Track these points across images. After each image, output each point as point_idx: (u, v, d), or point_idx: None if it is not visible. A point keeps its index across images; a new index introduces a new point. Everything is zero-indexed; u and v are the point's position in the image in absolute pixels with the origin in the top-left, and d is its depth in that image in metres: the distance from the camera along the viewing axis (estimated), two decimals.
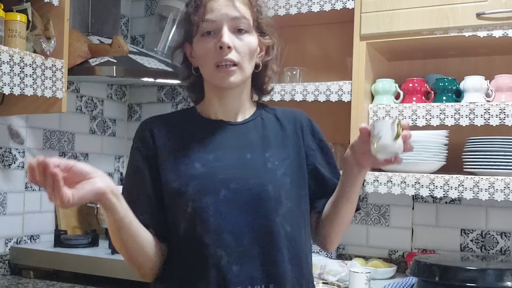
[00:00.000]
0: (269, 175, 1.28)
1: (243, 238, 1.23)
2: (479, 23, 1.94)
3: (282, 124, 1.38)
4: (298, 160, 1.34)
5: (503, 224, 2.22)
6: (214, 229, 1.22)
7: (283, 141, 1.34)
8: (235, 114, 1.35)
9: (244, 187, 1.25)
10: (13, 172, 2.40)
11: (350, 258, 2.35)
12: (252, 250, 1.23)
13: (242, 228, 1.23)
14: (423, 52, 2.26)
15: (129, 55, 2.38)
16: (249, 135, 1.33)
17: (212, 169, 1.26)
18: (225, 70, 1.26)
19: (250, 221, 1.24)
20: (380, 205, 2.44)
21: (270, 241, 1.24)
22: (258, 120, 1.37)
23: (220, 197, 1.23)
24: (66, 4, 2.04)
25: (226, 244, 1.22)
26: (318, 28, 2.52)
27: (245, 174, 1.26)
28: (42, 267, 2.30)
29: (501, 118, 1.91)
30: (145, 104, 2.99)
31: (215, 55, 1.26)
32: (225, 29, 1.26)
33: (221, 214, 1.23)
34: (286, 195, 1.27)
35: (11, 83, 1.86)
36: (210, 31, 1.27)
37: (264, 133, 1.34)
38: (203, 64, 1.31)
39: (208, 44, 1.27)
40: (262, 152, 1.31)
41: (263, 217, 1.24)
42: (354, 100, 2.13)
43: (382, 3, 2.08)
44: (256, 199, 1.25)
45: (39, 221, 2.51)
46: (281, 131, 1.36)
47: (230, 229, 1.23)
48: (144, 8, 3.04)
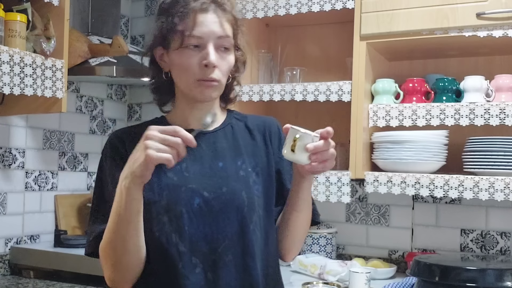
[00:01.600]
0: (241, 182, 1.29)
1: (217, 246, 1.25)
2: (479, 23, 1.94)
3: (252, 133, 1.39)
4: (267, 169, 1.35)
5: (503, 224, 2.22)
6: (189, 237, 1.23)
7: (253, 149, 1.36)
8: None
9: (217, 195, 1.26)
10: (13, 172, 2.40)
11: (350, 258, 2.35)
12: (226, 257, 1.25)
13: (216, 235, 1.25)
14: (423, 52, 2.26)
15: (129, 55, 2.38)
16: (220, 143, 1.34)
17: (185, 178, 1.27)
18: (206, 85, 1.27)
19: (224, 228, 1.25)
20: (380, 205, 2.44)
21: (244, 248, 1.26)
22: (228, 129, 1.37)
23: (194, 205, 1.25)
24: (66, 4, 2.04)
25: (201, 252, 1.24)
26: (318, 28, 2.52)
27: (217, 182, 1.28)
28: (42, 267, 2.30)
29: (501, 118, 1.91)
30: (145, 104, 2.99)
31: (198, 71, 1.26)
32: (211, 47, 1.26)
33: (195, 222, 1.24)
34: (258, 202, 1.29)
35: (11, 83, 1.86)
36: (196, 45, 1.27)
37: (234, 141, 1.35)
38: (181, 76, 1.30)
39: (191, 58, 1.27)
40: (234, 160, 1.32)
41: (236, 224, 1.26)
42: (354, 100, 2.13)
43: (382, 3, 2.08)
44: (229, 207, 1.26)
45: (39, 221, 2.51)
46: (251, 139, 1.38)
47: (203, 237, 1.24)
48: (144, 8, 3.04)
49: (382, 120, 2.10)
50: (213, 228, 1.25)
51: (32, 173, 2.48)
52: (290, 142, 1.17)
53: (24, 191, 2.45)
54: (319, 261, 2.17)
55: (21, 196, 2.43)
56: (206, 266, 1.24)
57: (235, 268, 1.25)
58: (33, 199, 2.48)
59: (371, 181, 2.07)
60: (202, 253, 1.24)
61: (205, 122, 1.21)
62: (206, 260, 1.24)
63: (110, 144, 1.34)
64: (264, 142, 1.38)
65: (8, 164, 2.37)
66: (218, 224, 1.25)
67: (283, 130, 1.21)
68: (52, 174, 2.58)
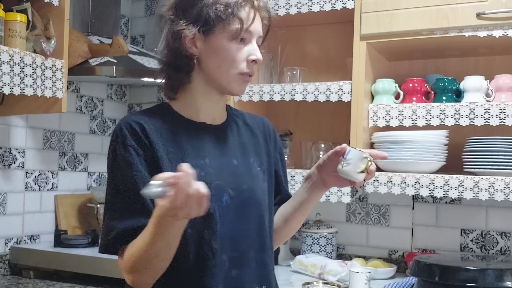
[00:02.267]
0: (255, 180, 1.32)
1: (241, 243, 1.26)
2: (479, 23, 1.94)
3: (253, 131, 1.40)
4: (269, 167, 1.39)
5: (503, 224, 2.22)
6: (220, 234, 1.23)
7: (255, 148, 1.37)
8: (215, 116, 1.35)
9: (239, 193, 1.27)
10: (13, 172, 2.40)
11: (350, 258, 2.35)
12: (247, 254, 1.27)
13: (240, 233, 1.26)
14: (423, 52, 2.26)
15: (129, 55, 2.38)
16: (230, 140, 1.34)
17: (210, 174, 1.25)
18: (245, 80, 1.29)
19: (246, 225, 1.27)
20: (380, 205, 2.44)
21: (261, 244, 1.30)
22: (233, 125, 1.38)
23: (223, 203, 1.24)
24: (66, 4, 2.04)
25: (228, 250, 1.24)
26: (318, 28, 2.52)
27: (237, 180, 1.29)
28: (42, 267, 2.30)
29: (501, 118, 1.91)
30: (145, 104, 2.99)
31: (245, 65, 1.27)
32: (255, 43, 1.29)
33: (224, 219, 1.24)
34: (268, 200, 1.34)
35: (11, 83, 1.86)
36: (242, 39, 1.27)
37: (240, 139, 1.36)
38: (222, 66, 1.27)
39: (239, 51, 1.27)
40: (245, 158, 1.33)
41: (255, 222, 1.29)
42: (354, 100, 2.13)
43: (382, 3, 2.08)
44: (250, 204, 1.28)
45: (39, 221, 2.51)
46: (253, 137, 1.39)
47: (230, 235, 1.25)
48: (144, 8, 3.04)
49: (382, 120, 2.10)
50: (237, 226, 1.26)
51: (32, 173, 2.48)
52: (356, 163, 1.26)
53: (24, 191, 2.45)
54: (319, 261, 2.17)
55: (21, 196, 2.43)
56: (232, 263, 1.25)
57: (256, 265, 1.28)
58: (33, 199, 2.48)
59: (371, 181, 2.07)
60: (229, 250, 1.24)
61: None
62: (232, 257, 1.25)
63: (130, 132, 1.23)
64: (265, 141, 1.41)
65: (8, 164, 2.37)
66: (241, 222, 1.27)
67: (342, 148, 1.28)
68: (52, 174, 2.58)
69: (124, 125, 1.24)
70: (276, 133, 1.47)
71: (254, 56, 1.28)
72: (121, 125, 1.24)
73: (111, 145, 1.25)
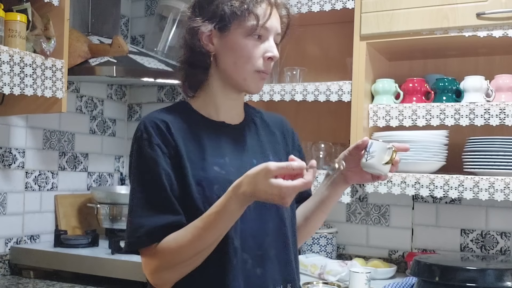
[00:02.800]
0: None
1: (262, 241, 1.25)
2: (479, 23, 1.94)
3: (271, 130, 1.39)
4: None
5: (503, 224, 2.22)
6: (240, 233, 1.22)
7: (274, 147, 1.37)
8: (234, 114, 1.35)
9: None
10: (13, 172, 2.40)
11: (350, 258, 2.35)
12: (270, 252, 1.26)
13: (260, 231, 1.26)
14: (423, 52, 2.26)
15: (129, 55, 2.39)
16: (247, 139, 1.33)
17: (230, 173, 1.24)
18: (261, 77, 1.28)
19: (267, 224, 1.27)
20: (380, 205, 2.44)
21: (284, 243, 1.29)
22: (252, 125, 1.37)
23: None
24: (66, 4, 2.04)
25: (249, 248, 1.23)
26: (318, 28, 2.52)
27: None
28: (42, 267, 2.30)
29: (501, 118, 1.91)
30: (145, 104, 2.99)
31: (262, 63, 1.26)
32: (272, 40, 1.28)
33: (245, 218, 1.22)
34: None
35: (11, 83, 1.86)
36: (259, 36, 1.26)
37: (258, 138, 1.36)
38: (238, 63, 1.26)
39: (255, 48, 1.25)
40: (264, 157, 1.32)
41: (276, 220, 1.28)
42: (354, 100, 2.13)
43: (382, 3, 2.08)
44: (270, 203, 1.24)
45: (39, 221, 2.51)
46: (272, 136, 1.38)
47: (251, 233, 1.24)
48: (144, 8, 3.04)
49: (382, 120, 2.10)
50: (258, 224, 1.25)
51: (32, 173, 2.48)
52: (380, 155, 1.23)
53: (24, 191, 2.45)
54: (319, 261, 2.17)
55: (21, 196, 2.43)
56: (255, 262, 1.24)
57: (278, 262, 1.27)
58: (33, 199, 2.48)
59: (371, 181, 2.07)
60: (251, 248, 1.24)
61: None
62: (255, 256, 1.24)
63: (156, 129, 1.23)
64: (284, 139, 1.40)
65: (8, 164, 2.37)
66: (262, 220, 1.26)
67: (363, 142, 1.25)
68: (52, 174, 2.58)
69: (149, 123, 1.24)
70: (294, 132, 1.45)
71: (271, 53, 1.26)
72: (146, 122, 1.24)
73: (135, 143, 1.25)
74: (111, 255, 2.22)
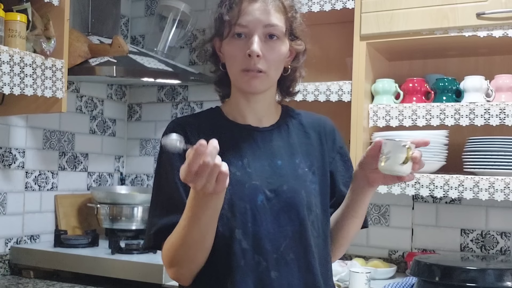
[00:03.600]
0: (300, 181, 1.28)
1: (279, 244, 1.23)
2: (479, 23, 1.94)
3: (306, 131, 1.37)
4: (323, 168, 1.34)
5: (503, 224, 2.22)
6: (252, 235, 1.22)
7: (307, 149, 1.34)
8: (261, 117, 1.34)
9: (278, 194, 1.25)
10: (13, 172, 2.40)
11: (350, 258, 2.35)
12: (288, 256, 1.24)
13: (277, 234, 1.23)
14: (423, 52, 2.26)
15: (129, 55, 2.39)
16: (276, 141, 1.32)
17: (248, 174, 1.25)
18: (251, 75, 1.25)
19: (285, 227, 1.24)
20: (380, 205, 2.44)
21: (305, 248, 1.25)
22: (284, 127, 1.36)
23: (258, 202, 1.23)
24: (66, 4, 2.04)
25: (263, 250, 1.22)
26: (318, 28, 2.51)
27: (278, 180, 1.26)
28: (42, 267, 2.30)
29: (501, 118, 1.91)
30: (145, 104, 2.99)
31: (243, 60, 1.25)
32: (255, 36, 1.24)
33: (259, 219, 1.22)
34: (315, 202, 1.28)
35: (11, 83, 1.86)
36: (241, 34, 1.25)
37: (289, 140, 1.34)
38: (229, 66, 1.29)
39: (237, 48, 1.25)
40: (291, 158, 1.30)
41: (297, 223, 1.25)
42: (354, 100, 2.13)
43: (382, 3, 2.08)
44: (290, 205, 1.25)
45: (39, 221, 2.51)
46: (305, 138, 1.36)
47: (266, 235, 1.22)
48: (144, 8, 3.04)
49: (382, 120, 2.10)
50: (275, 227, 1.23)
51: (32, 173, 2.48)
52: (396, 155, 1.15)
53: (24, 191, 2.45)
54: None
55: (21, 196, 2.44)
56: (270, 265, 1.22)
57: (298, 268, 1.23)
58: (33, 199, 2.48)
59: None
60: (265, 251, 1.22)
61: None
62: (270, 259, 1.22)
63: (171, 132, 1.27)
64: (320, 141, 1.37)
65: (8, 164, 2.37)
66: (280, 223, 1.24)
67: (375, 144, 1.18)
68: (52, 174, 2.58)
69: (169, 128, 1.30)
70: (335, 133, 1.40)
71: (248, 49, 1.23)
72: (168, 127, 1.31)
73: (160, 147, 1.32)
74: (111, 255, 2.22)
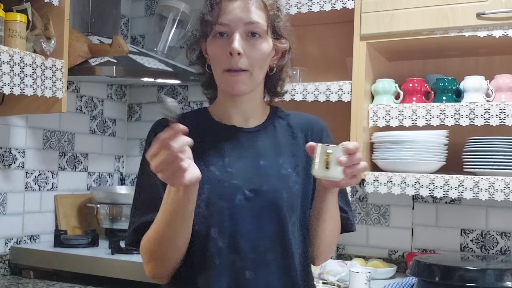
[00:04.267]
0: (283, 181, 1.26)
1: (257, 244, 1.22)
2: (479, 23, 1.94)
3: (293, 131, 1.36)
4: (307, 169, 1.31)
5: (503, 224, 2.22)
6: (229, 234, 1.21)
7: (293, 149, 1.33)
8: (248, 118, 1.33)
9: (258, 193, 1.23)
10: (13, 172, 2.40)
11: (350, 258, 2.35)
12: (267, 257, 1.22)
13: (256, 234, 1.22)
14: (423, 52, 2.26)
15: (129, 55, 2.38)
16: (261, 142, 1.31)
17: (228, 173, 1.24)
18: (234, 75, 1.23)
19: (264, 227, 1.23)
20: (380, 205, 2.44)
21: (284, 249, 1.23)
22: (270, 128, 1.34)
23: (236, 202, 1.22)
24: (66, 4, 2.04)
25: (240, 250, 1.21)
26: (318, 28, 2.52)
27: (259, 180, 1.25)
28: (42, 267, 2.30)
29: (501, 118, 1.91)
30: (145, 104, 2.99)
31: (225, 60, 1.23)
32: (236, 34, 1.22)
33: (236, 219, 1.21)
34: (297, 203, 1.27)
35: (11, 83, 1.86)
36: (223, 33, 1.24)
37: (275, 140, 1.32)
38: (213, 67, 1.28)
39: (219, 47, 1.24)
40: (275, 159, 1.29)
41: (277, 224, 1.24)
42: (354, 100, 2.13)
43: (382, 3, 2.08)
44: (271, 206, 1.24)
45: (39, 221, 2.51)
46: (292, 138, 1.35)
47: (244, 235, 1.21)
48: (144, 8, 3.04)
49: (382, 120, 2.10)
50: (253, 226, 1.22)
51: (32, 173, 2.48)
52: (322, 159, 1.12)
53: (24, 191, 2.45)
54: None
55: (21, 196, 2.44)
56: (246, 265, 1.21)
57: (277, 269, 1.22)
58: (33, 199, 2.48)
59: (371, 181, 2.07)
60: (242, 251, 1.21)
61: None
62: (246, 258, 1.21)
63: (153, 132, 1.28)
64: (306, 141, 1.33)
65: (8, 164, 2.37)
66: (259, 223, 1.22)
67: (307, 148, 1.17)
68: (52, 174, 2.58)
69: (151, 129, 1.31)
70: (323, 133, 1.38)
71: (229, 47, 1.21)
72: (153, 126, 1.31)
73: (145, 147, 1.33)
74: (111, 255, 2.22)
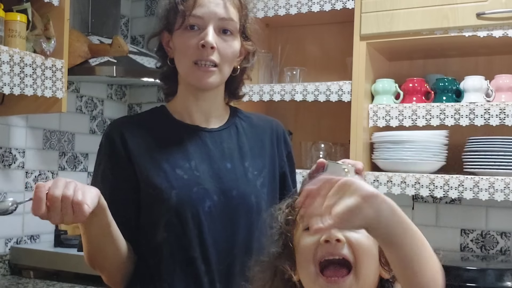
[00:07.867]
0: (250, 185, 1.24)
1: (226, 254, 1.19)
2: (479, 23, 1.94)
3: (258, 133, 1.34)
4: (273, 171, 1.31)
5: (503, 224, 2.22)
6: (200, 243, 1.17)
7: (258, 151, 1.31)
8: (209, 117, 1.30)
9: (228, 199, 1.20)
10: (13, 172, 2.40)
11: None
12: (234, 268, 1.19)
13: (225, 243, 1.19)
14: (423, 52, 2.26)
15: (129, 55, 2.38)
16: (225, 143, 1.28)
17: (196, 177, 1.20)
18: (204, 70, 1.21)
19: (232, 236, 1.19)
20: None
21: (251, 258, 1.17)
22: (233, 129, 1.32)
23: (205, 209, 1.18)
24: (66, 4, 2.04)
25: (212, 260, 1.17)
26: (318, 28, 2.52)
27: (227, 185, 1.22)
28: (42, 267, 2.30)
29: (501, 118, 1.91)
30: (145, 104, 2.99)
31: (196, 52, 1.20)
32: (210, 28, 1.20)
33: (206, 227, 1.17)
34: (265, 207, 1.23)
35: (11, 83, 1.86)
36: (194, 26, 1.21)
37: (239, 142, 1.30)
38: (180, 59, 1.24)
39: (190, 39, 1.21)
40: (241, 161, 1.26)
41: (245, 230, 1.20)
42: (354, 100, 2.13)
43: (382, 3, 2.08)
44: (239, 212, 1.20)
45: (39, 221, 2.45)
46: (256, 141, 1.32)
47: (213, 244, 1.18)
48: (144, 8, 3.04)
49: (382, 120, 2.10)
50: (222, 235, 1.19)
51: (32, 173, 2.48)
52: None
53: (24, 191, 2.45)
54: None
55: (21, 196, 2.43)
56: (217, 276, 1.17)
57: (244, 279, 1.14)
58: None
59: (371, 181, 2.07)
60: (212, 261, 1.17)
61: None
62: (218, 270, 1.17)
63: (107, 138, 1.25)
64: (271, 142, 1.34)
65: (8, 164, 2.37)
66: (227, 230, 1.19)
67: (319, 164, 1.12)
68: (52, 174, 2.58)
69: (106, 133, 1.26)
70: (286, 136, 1.38)
71: (202, 40, 1.19)
72: (106, 131, 1.27)
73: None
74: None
